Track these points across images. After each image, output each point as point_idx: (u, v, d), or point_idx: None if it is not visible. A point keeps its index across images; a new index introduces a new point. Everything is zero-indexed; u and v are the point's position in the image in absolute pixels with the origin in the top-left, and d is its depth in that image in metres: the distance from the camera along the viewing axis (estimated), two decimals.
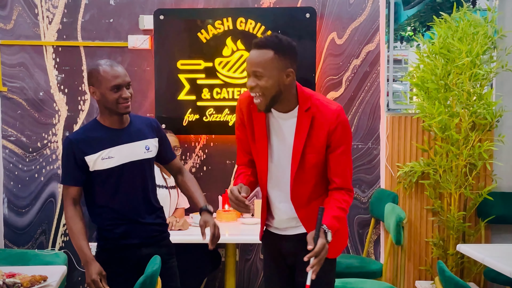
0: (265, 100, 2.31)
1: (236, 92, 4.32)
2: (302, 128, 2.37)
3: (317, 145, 2.38)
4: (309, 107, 2.36)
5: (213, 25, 4.31)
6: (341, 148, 2.38)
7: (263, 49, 2.28)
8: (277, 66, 2.28)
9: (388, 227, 3.80)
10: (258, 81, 2.28)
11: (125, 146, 2.80)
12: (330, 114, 2.35)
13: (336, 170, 2.40)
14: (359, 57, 4.38)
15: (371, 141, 4.41)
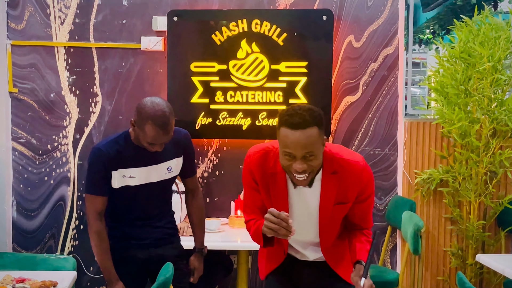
0: (311, 176, 2.28)
1: (250, 96, 4.34)
2: (328, 192, 2.37)
3: (345, 201, 2.39)
4: (335, 170, 2.34)
5: (228, 27, 4.33)
6: (368, 200, 2.44)
7: (308, 128, 2.19)
8: (321, 141, 2.25)
9: (405, 235, 3.79)
10: (310, 163, 2.23)
11: (149, 168, 2.91)
12: (359, 172, 2.35)
13: (363, 217, 2.48)
14: (377, 61, 4.38)
15: (388, 147, 4.41)
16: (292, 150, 2.19)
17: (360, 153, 4.39)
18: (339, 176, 2.34)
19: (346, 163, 2.34)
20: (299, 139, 2.18)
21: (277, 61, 4.31)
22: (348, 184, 2.35)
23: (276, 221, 2.19)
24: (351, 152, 2.44)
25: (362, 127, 4.40)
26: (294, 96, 4.32)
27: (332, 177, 2.33)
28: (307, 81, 4.30)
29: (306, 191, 2.39)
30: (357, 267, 2.33)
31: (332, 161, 2.33)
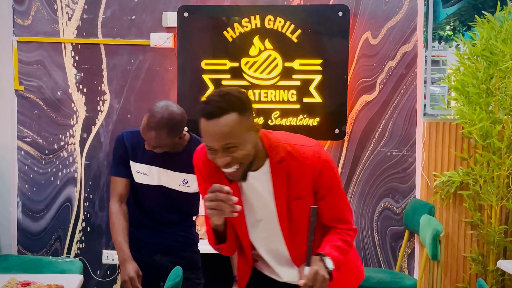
0: (243, 169, 2.04)
1: (263, 94, 4.32)
2: (280, 184, 2.12)
3: (302, 195, 2.14)
4: (282, 158, 2.09)
5: (240, 23, 4.32)
6: (331, 192, 2.16)
7: (223, 116, 1.95)
8: (246, 127, 1.99)
9: (423, 240, 3.77)
10: (233, 154, 1.98)
11: (161, 170, 2.96)
12: (308, 158, 2.10)
13: (333, 215, 2.21)
14: (395, 58, 4.35)
15: (406, 148, 4.38)
16: (210, 142, 1.98)
17: (377, 154, 4.37)
18: (287, 165, 2.09)
19: (293, 149, 2.11)
20: (214, 130, 1.95)
21: (291, 58, 4.29)
22: (299, 174, 2.11)
23: (213, 196, 1.97)
24: (302, 136, 2.22)
25: (379, 127, 4.38)
26: (308, 95, 4.30)
27: (280, 166, 2.09)
28: (322, 80, 4.28)
29: (256, 185, 2.15)
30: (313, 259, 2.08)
31: (278, 148, 2.09)
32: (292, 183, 2.12)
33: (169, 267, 2.75)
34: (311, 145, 2.16)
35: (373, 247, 4.42)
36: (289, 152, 2.10)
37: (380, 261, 4.42)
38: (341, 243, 2.17)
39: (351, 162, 4.39)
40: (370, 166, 4.39)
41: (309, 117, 4.31)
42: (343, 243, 2.18)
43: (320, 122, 4.31)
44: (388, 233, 4.42)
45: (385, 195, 4.40)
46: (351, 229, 2.23)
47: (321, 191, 2.15)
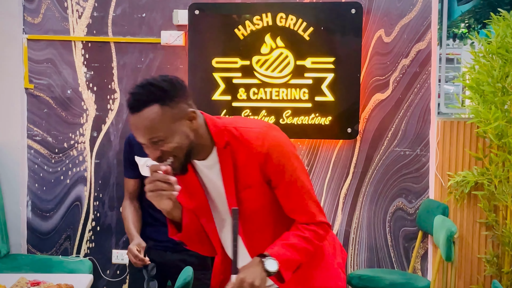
0: (179, 161, 1.91)
1: (274, 93, 4.32)
2: (227, 172, 1.98)
3: (251, 184, 1.99)
4: (226, 142, 1.96)
5: (251, 21, 4.32)
6: (285, 180, 1.98)
7: (144, 109, 1.86)
8: (173, 117, 1.88)
9: (437, 241, 3.75)
10: (162, 148, 1.88)
11: None
12: (253, 143, 1.95)
13: (292, 206, 2.03)
14: (408, 56, 4.33)
15: (419, 148, 4.36)
16: (137, 137, 1.90)
17: (390, 153, 4.36)
18: (232, 150, 1.96)
19: (238, 132, 1.97)
20: (137, 124, 1.87)
21: (302, 56, 4.29)
22: (245, 160, 1.96)
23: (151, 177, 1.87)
24: (253, 119, 2.09)
25: (392, 126, 4.36)
26: (320, 94, 4.30)
27: (226, 152, 1.96)
28: (334, 78, 4.28)
29: (210, 175, 2.03)
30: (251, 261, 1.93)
31: (223, 133, 1.96)
32: (239, 170, 1.97)
33: (180, 266, 2.77)
34: (257, 126, 1.99)
35: (386, 248, 4.41)
36: (234, 135, 1.96)
37: (393, 262, 4.41)
38: (297, 240, 1.98)
39: (363, 162, 4.38)
40: (383, 166, 4.38)
41: (321, 116, 4.30)
42: (300, 240, 1.98)
43: (332, 121, 4.30)
44: (401, 234, 4.41)
45: (398, 195, 4.39)
46: (315, 223, 2.02)
47: (272, 178, 1.98)
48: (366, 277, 4.02)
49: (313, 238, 2.01)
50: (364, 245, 4.42)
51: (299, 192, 2.01)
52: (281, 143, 1.98)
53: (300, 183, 2.01)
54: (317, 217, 2.03)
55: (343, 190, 4.42)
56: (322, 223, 2.04)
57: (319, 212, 2.05)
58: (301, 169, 2.03)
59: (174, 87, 1.91)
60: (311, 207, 2.03)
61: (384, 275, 4.06)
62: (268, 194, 2.01)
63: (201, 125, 1.95)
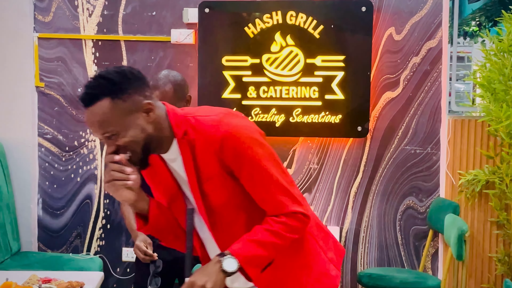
0: (136, 155, 1.85)
1: (284, 91, 4.31)
2: (188, 164, 1.89)
3: (212, 174, 1.88)
4: (184, 132, 1.87)
5: (261, 19, 4.31)
6: (246, 169, 1.86)
7: (96, 104, 1.79)
8: (126, 110, 1.81)
9: (448, 240, 3.74)
10: (117, 142, 1.83)
11: None
12: (208, 130, 1.85)
13: (259, 197, 1.90)
14: (419, 55, 4.31)
15: (430, 146, 4.34)
16: (92, 132, 1.86)
17: (400, 152, 4.35)
18: (190, 140, 1.87)
19: (195, 121, 1.88)
20: (89, 119, 1.81)
21: (312, 55, 4.28)
22: (202, 149, 1.86)
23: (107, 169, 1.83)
24: (213, 107, 1.98)
25: (402, 125, 4.35)
26: (330, 92, 4.29)
27: (185, 142, 1.88)
28: (345, 76, 4.27)
29: (176, 167, 1.95)
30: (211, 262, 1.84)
31: (181, 123, 1.88)
32: (199, 161, 1.88)
33: None
34: (213, 113, 1.90)
35: (396, 247, 4.40)
36: (192, 124, 1.88)
37: (403, 261, 4.40)
38: (264, 234, 1.85)
39: (373, 160, 4.37)
40: (393, 164, 4.36)
41: (331, 114, 4.30)
42: (267, 234, 1.85)
43: (342, 120, 4.29)
44: (411, 233, 4.39)
45: (409, 193, 4.37)
46: (286, 214, 1.87)
47: (232, 167, 1.87)
48: (376, 276, 4.01)
49: (283, 231, 1.86)
50: (374, 243, 4.41)
51: (263, 181, 1.87)
52: (237, 129, 1.85)
53: (264, 171, 1.87)
54: (288, 207, 1.88)
55: (353, 189, 4.41)
56: (295, 213, 1.88)
57: (291, 201, 1.89)
58: (267, 156, 1.88)
59: (126, 78, 1.82)
60: (279, 197, 1.88)
61: (395, 274, 4.05)
62: (234, 185, 1.90)
63: (161, 117, 1.87)
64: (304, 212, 1.89)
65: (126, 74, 1.83)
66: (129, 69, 1.85)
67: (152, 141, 1.86)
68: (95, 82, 1.81)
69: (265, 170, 1.87)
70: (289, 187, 1.90)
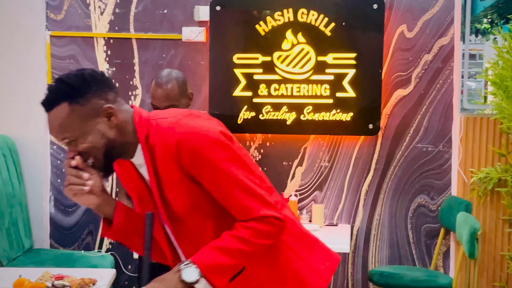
0: (98, 162, 1.79)
1: (295, 89, 4.31)
2: (150, 169, 1.81)
3: (172, 180, 1.79)
4: (146, 136, 1.79)
5: (273, 17, 4.31)
6: (205, 171, 1.75)
7: (54, 108, 1.73)
8: (85, 115, 1.74)
9: (460, 238, 3.72)
10: (77, 148, 1.76)
11: None
12: (165, 135, 1.77)
13: (225, 202, 1.79)
14: (431, 52, 4.29)
15: (442, 144, 4.32)
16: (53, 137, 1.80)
17: (412, 150, 4.33)
18: (151, 144, 1.79)
19: (156, 124, 1.80)
20: (50, 124, 1.76)
21: (324, 52, 4.27)
22: (161, 153, 1.78)
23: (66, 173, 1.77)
24: (175, 109, 1.92)
25: (414, 122, 4.33)
26: (341, 90, 4.28)
27: (147, 147, 1.79)
28: (356, 74, 4.25)
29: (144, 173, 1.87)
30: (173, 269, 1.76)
31: (144, 126, 1.80)
32: (159, 166, 1.79)
33: None
34: (171, 115, 1.82)
35: (407, 245, 4.38)
36: (153, 127, 1.79)
37: (414, 259, 4.38)
38: (230, 241, 1.75)
39: (385, 158, 4.36)
40: (404, 162, 4.34)
41: (342, 112, 4.28)
42: (233, 241, 1.75)
43: (353, 118, 4.28)
44: (423, 231, 4.37)
45: (420, 191, 4.35)
46: (254, 218, 1.76)
47: (192, 172, 1.76)
48: (388, 274, 4.00)
49: (251, 237, 1.74)
50: (386, 241, 4.40)
51: (226, 184, 1.76)
52: (194, 130, 1.75)
53: (226, 174, 1.75)
54: (257, 212, 1.75)
55: (364, 186, 4.39)
56: (265, 217, 1.75)
57: (260, 205, 1.76)
58: (229, 158, 1.76)
59: (85, 82, 1.75)
60: (246, 201, 1.76)
61: (406, 272, 4.03)
62: (198, 191, 1.79)
63: (125, 121, 1.79)
64: (277, 215, 1.77)
65: (86, 77, 1.75)
66: (90, 73, 1.77)
67: (114, 147, 1.78)
68: (55, 87, 1.75)
69: (227, 173, 1.75)
70: (259, 190, 1.78)
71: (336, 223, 4.38)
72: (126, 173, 1.89)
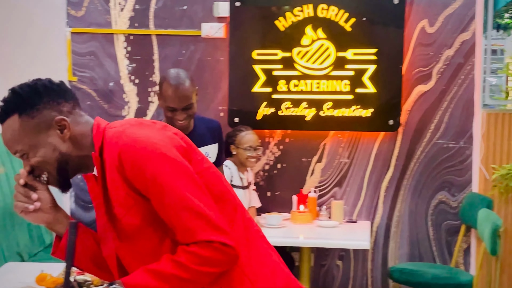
0: (52, 177, 1.69)
1: (315, 85, 4.29)
2: (101, 183, 1.68)
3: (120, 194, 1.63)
4: (99, 148, 1.66)
5: (292, 12, 4.29)
6: (151, 187, 1.57)
7: (6, 120, 1.64)
8: (35, 128, 1.63)
9: (481, 235, 3.68)
10: (29, 162, 1.66)
11: None
12: (110, 143, 1.63)
13: (169, 221, 1.59)
14: (452, 47, 4.25)
15: (463, 140, 4.28)
16: None
17: (432, 146, 4.29)
18: (104, 157, 1.66)
19: (106, 133, 1.67)
20: (3, 136, 1.66)
21: (344, 48, 4.24)
22: (109, 166, 1.64)
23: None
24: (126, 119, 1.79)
25: (435, 118, 4.29)
26: (361, 85, 4.25)
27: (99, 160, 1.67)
28: (376, 69, 4.22)
29: None
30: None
31: (98, 137, 1.68)
32: (108, 179, 1.65)
33: None
34: (119, 124, 1.69)
35: (428, 242, 4.35)
36: (104, 138, 1.67)
37: (434, 256, 4.34)
38: (166, 265, 1.56)
39: (405, 154, 4.32)
40: (425, 159, 4.31)
41: (362, 108, 4.26)
42: (170, 265, 1.55)
43: (373, 114, 4.25)
44: (443, 228, 4.33)
45: (441, 188, 4.31)
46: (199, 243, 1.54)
47: (137, 186, 1.60)
48: (408, 271, 3.97)
49: (191, 263, 1.54)
50: (406, 238, 4.37)
51: (169, 202, 1.56)
52: (138, 141, 1.58)
53: (170, 190, 1.56)
54: (201, 235, 1.54)
55: (384, 183, 4.36)
56: (210, 242, 1.54)
57: (207, 228, 1.55)
58: (176, 173, 1.57)
59: (36, 93, 1.64)
60: (190, 222, 1.55)
61: (426, 269, 4.00)
62: (149, 207, 1.61)
63: (83, 133, 1.67)
64: (224, 241, 1.54)
65: (38, 88, 1.65)
66: (44, 83, 1.67)
67: (69, 161, 1.66)
68: (7, 98, 1.66)
69: (171, 189, 1.56)
70: (207, 211, 1.56)
71: (356, 220, 4.35)
72: (93, 190, 1.74)
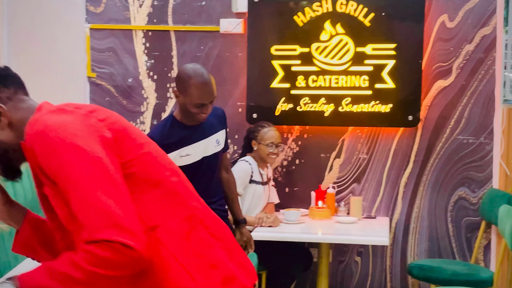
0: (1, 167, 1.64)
1: (333, 80, 4.26)
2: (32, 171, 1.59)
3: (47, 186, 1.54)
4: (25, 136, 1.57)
5: (311, 7, 4.26)
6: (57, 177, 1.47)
7: None
8: None
9: (502, 231, 3.64)
10: None
11: (200, 143, 3.21)
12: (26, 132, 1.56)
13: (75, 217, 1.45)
14: (473, 42, 4.20)
15: (483, 136, 4.23)
16: None
17: (452, 141, 4.25)
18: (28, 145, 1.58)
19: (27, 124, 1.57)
20: None
21: (363, 43, 4.21)
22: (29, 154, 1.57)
23: None
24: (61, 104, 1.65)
25: (455, 114, 4.25)
26: (380, 81, 4.22)
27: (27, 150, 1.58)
28: (395, 65, 4.19)
29: None
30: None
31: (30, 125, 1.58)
32: (32, 168, 1.57)
33: None
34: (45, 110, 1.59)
35: (447, 238, 4.31)
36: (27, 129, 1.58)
37: (454, 253, 4.31)
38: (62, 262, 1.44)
39: (425, 150, 4.29)
40: (445, 154, 4.27)
41: (381, 103, 4.23)
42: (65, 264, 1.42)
43: (392, 109, 4.22)
44: (463, 224, 4.30)
45: (461, 184, 4.27)
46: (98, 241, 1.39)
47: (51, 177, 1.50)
48: (427, 267, 3.94)
49: (86, 263, 1.39)
50: (425, 234, 4.33)
51: (73, 196, 1.44)
52: (50, 128, 1.48)
53: (75, 183, 1.44)
54: (101, 233, 1.39)
55: (403, 179, 4.33)
56: (110, 241, 1.39)
57: (108, 225, 1.40)
58: (85, 166, 1.45)
59: None
60: (91, 218, 1.41)
61: (446, 266, 3.97)
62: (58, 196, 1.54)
63: (24, 120, 1.58)
64: (126, 242, 1.39)
65: None
66: None
67: (9, 150, 1.59)
68: None
69: (77, 182, 1.44)
70: (115, 208, 1.42)
71: (375, 216, 4.33)
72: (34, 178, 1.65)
